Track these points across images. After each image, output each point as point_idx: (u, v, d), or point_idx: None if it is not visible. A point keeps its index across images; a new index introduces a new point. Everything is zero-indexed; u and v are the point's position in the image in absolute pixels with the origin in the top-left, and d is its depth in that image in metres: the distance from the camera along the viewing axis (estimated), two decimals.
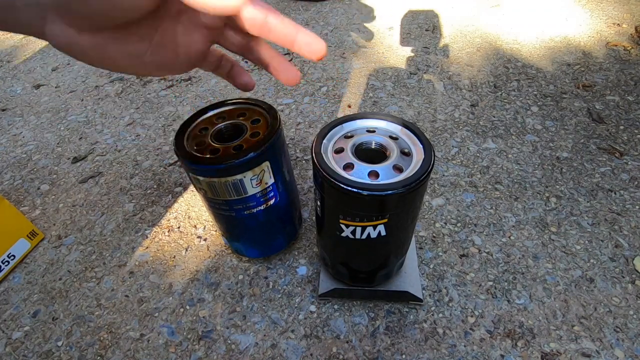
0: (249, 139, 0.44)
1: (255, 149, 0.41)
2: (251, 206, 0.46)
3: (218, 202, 0.46)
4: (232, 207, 0.46)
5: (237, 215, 0.47)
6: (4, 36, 1.36)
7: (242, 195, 0.44)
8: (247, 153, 0.41)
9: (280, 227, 0.53)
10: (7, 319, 0.54)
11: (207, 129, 0.46)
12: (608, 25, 1.10)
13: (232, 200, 0.45)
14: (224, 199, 0.45)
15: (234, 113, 0.48)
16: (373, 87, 0.93)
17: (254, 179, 0.43)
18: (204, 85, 0.99)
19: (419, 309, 0.52)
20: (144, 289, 0.56)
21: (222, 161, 0.40)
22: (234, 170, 0.41)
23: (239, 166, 0.41)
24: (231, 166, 0.41)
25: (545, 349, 0.47)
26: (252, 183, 0.43)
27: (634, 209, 0.62)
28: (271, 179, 0.45)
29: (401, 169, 0.38)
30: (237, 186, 0.43)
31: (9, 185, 0.76)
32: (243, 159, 0.41)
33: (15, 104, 1.00)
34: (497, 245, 0.58)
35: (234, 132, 0.46)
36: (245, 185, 0.43)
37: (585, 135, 0.76)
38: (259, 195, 0.46)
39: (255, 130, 0.45)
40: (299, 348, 0.49)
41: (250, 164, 0.42)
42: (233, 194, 0.44)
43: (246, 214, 0.47)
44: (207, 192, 0.44)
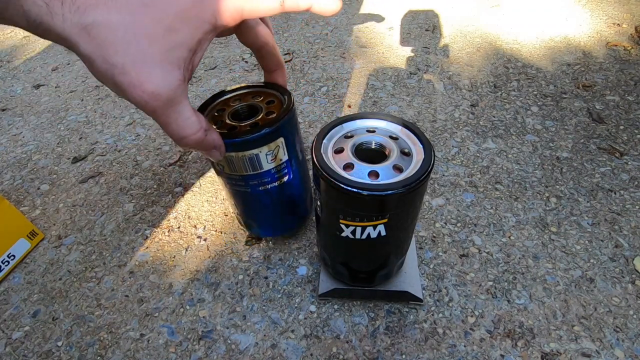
0: (265, 117, 0.46)
1: (270, 125, 0.43)
2: (266, 182, 0.49)
3: (235, 177, 0.48)
4: (247, 182, 0.48)
5: (252, 192, 0.49)
6: (4, 36, 1.36)
7: (258, 171, 0.47)
8: (263, 128, 0.43)
9: (292, 205, 0.55)
10: (7, 319, 0.54)
11: (224, 109, 0.48)
12: (608, 25, 1.10)
13: (248, 175, 0.47)
14: (240, 174, 0.47)
15: (249, 95, 0.50)
16: (373, 87, 0.93)
17: (269, 154, 0.45)
18: (204, 85, 0.99)
19: (419, 309, 0.52)
20: (144, 289, 0.56)
21: (239, 136, 0.43)
22: (250, 144, 0.43)
23: (254, 141, 0.43)
24: (248, 140, 0.43)
25: (545, 349, 0.47)
26: (267, 158, 0.46)
27: (634, 209, 0.62)
28: (285, 156, 0.48)
29: (401, 169, 0.38)
30: (253, 161, 0.45)
31: (9, 185, 0.76)
32: (259, 134, 0.43)
33: (15, 104, 1.00)
34: (497, 245, 0.58)
35: (250, 112, 0.48)
36: (261, 160, 0.45)
37: (585, 135, 0.76)
38: (274, 171, 0.48)
39: (270, 109, 0.47)
40: (299, 348, 0.49)
41: (266, 139, 0.44)
42: (249, 169, 0.46)
43: (261, 190, 0.49)
44: (224, 167, 0.47)
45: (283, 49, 1.11)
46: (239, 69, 1.04)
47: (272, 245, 0.61)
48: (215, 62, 1.08)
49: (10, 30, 1.39)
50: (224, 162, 0.46)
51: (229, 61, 1.08)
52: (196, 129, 0.36)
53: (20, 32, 1.37)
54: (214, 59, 1.09)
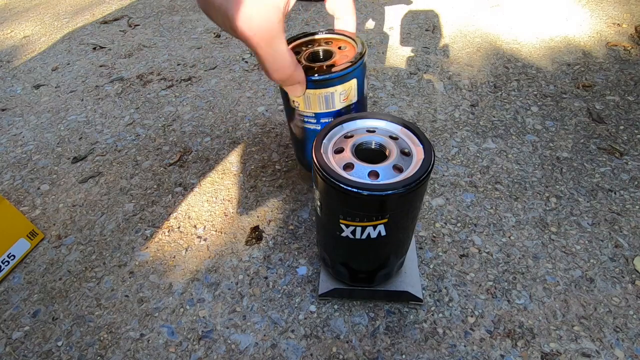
0: (339, 60, 0.50)
1: (347, 66, 0.47)
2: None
3: (308, 114, 0.52)
4: (319, 120, 0.52)
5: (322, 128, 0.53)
6: (4, 36, 1.36)
7: (331, 109, 0.51)
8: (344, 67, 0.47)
9: None
10: (7, 319, 0.54)
11: (299, 52, 0.52)
12: (608, 25, 1.10)
13: (321, 113, 0.51)
14: (314, 111, 0.51)
15: (320, 41, 0.54)
16: (373, 87, 0.93)
17: (342, 93, 0.49)
18: (204, 85, 0.99)
19: (419, 309, 0.52)
20: (144, 289, 0.56)
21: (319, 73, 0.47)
22: (328, 82, 0.47)
23: (333, 79, 0.47)
24: (327, 78, 0.47)
25: (545, 349, 0.47)
26: (341, 98, 0.50)
27: (634, 209, 0.62)
28: (355, 98, 0.51)
29: (401, 169, 0.38)
30: (328, 99, 0.49)
31: (9, 185, 0.76)
32: (338, 73, 0.47)
33: (15, 104, 1.00)
34: (497, 245, 0.58)
35: (324, 56, 0.52)
36: (335, 98, 0.50)
37: (585, 135, 0.76)
38: (344, 111, 0.52)
39: (343, 54, 0.51)
40: (299, 348, 0.49)
41: (342, 79, 0.48)
42: (323, 106, 0.50)
43: None
44: (300, 104, 0.51)
45: None
46: (239, 68, 1.04)
47: (272, 245, 0.61)
48: (215, 62, 1.08)
49: (10, 30, 1.39)
50: (300, 99, 0.50)
51: (229, 61, 1.08)
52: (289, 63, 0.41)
53: (20, 32, 1.37)
54: (214, 59, 1.09)
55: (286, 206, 0.67)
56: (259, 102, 0.91)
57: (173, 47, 1.18)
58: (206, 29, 1.27)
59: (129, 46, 1.21)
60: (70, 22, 1.41)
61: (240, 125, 0.85)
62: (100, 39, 1.27)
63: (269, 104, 0.90)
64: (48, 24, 1.41)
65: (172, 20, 1.35)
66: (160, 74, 1.05)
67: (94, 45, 1.24)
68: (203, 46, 1.17)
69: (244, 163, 0.76)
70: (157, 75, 1.05)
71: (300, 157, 0.63)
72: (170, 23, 1.33)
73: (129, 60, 1.13)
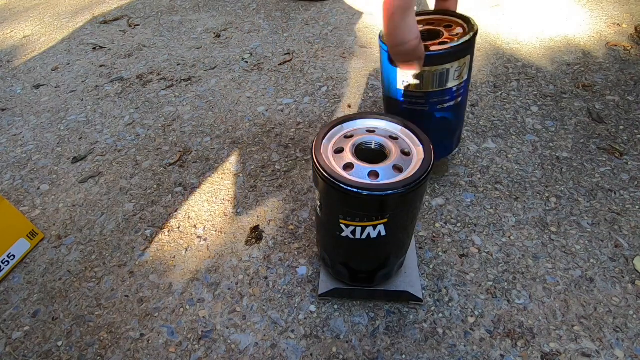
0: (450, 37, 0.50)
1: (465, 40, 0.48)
2: (445, 100, 0.53)
3: (417, 95, 0.52)
4: (428, 100, 0.53)
5: (430, 110, 0.54)
6: (4, 36, 1.36)
7: (443, 87, 0.51)
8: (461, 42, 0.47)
9: (456, 127, 0.61)
10: (7, 319, 0.54)
11: None
12: (608, 25, 1.10)
13: (432, 92, 0.52)
14: (425, 90, 0.52)
15: (423, 22, 0.55)
16: (373, 87, 0.93)
17: (457, 70, 0.50)
18: (204, 85, 0.99)
19: (419, 309, 0.52)
20: (144, 289, 0.56)
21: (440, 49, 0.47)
22: (445, 58, 0.48)
23: (449, 54, 0.48)
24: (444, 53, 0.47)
25: (545, 349, 0.47)
26: (455, 75, 0.50)
27: (634, 209, 0.62)
28: (466, 75, 0.52)
29: (401, 169, 0.38)
30: (442, 76, 0.50)
31: (9, 185, 0.76)
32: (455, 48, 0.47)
33: (15, 104, 1.00)
34: (497, 245, 0.58)
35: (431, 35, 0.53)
36: (449, 75, 0.50)
37: (585, 135, 0.76)
38: (455, 89, 0.52)
39: (451, 32, 0.52)
40: (299, 348, 0.49)
41: (459, 54, 0.48)
42: (436, 85, 0.51)
43: (438, 108, 0.54)
44: (410, 85, 0.51)
45: (283, 49, 1.11)
46: (239, 68, 1.04)
47: (272, 245, 0.61)
48: (215, 62, 1.08)
49: (10, 30, 1.39)
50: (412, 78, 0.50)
51: (228, 61, 1.08)
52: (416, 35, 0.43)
53: (20, 32, 1.37)
54: (214, 59, 1.09)
55: (286, 206, 0.67)
56: (259, 102, 0.91)
57: (173, 47, 1.18)
58: (206, 29, 1.27)
59: (129, 46, 1.21)
60: (70, 22, 1.41)
61: (240, 125, 0.85)
62: (100, 39, 1.27)
63: (269, 104, 0.90)
64: (48, 24, 1.41)
65: (172, 20, 1.34)
66: (160, 74, 1.05)
67: (94, 45, 1.24)
68: (203, 46, 1.17)
69: (244, 163, 0.76)
70: (157, 75, 1.05)
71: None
72: (170, 23, 1.33)
73: (129, 60, 1.13)
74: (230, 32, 1.23)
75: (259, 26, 1.25)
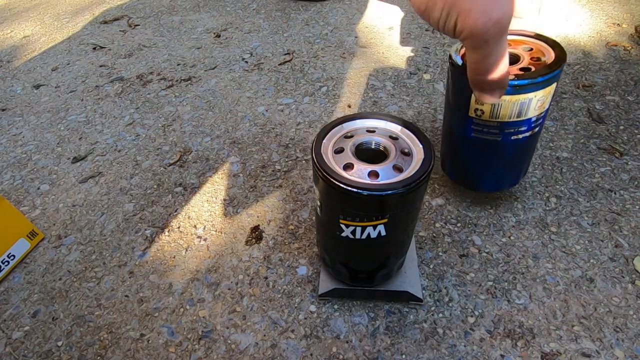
0: (533, 62, 0.45)
1: (555, 68, 0.42)
2: (521, 130, 0.48)
3: (490, 125, 0.47)
4: (502, 130, 0.47)
5: (503, 140, 0.49)
6: (4, 36, 1.36)
7: (522, 118, 0.46)
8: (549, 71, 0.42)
9: (525, 159, 0.55)
10: (7, 319, 0.54)
11: None
12: (608, 25, 1.10)
13: (508, 122, 0.46)
14: (500, 120, 0.46)
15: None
16: (373, 87, 0.93)
17: (540, 100, 0.44)
18: (204, 85, 0.99)
19: (419, 309, 0.52)
20: (144, 289, 0.56)
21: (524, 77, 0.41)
22: (532, 87, 0.42)
23: (537, 83, 0.42)
24: (530, 82, 0.42)
25: (545, 349, 0.47)
26: (537, 105, 0.45)
27: (634, 209, 0.62)
28: (548, 105, 0.46)
29: (401, 169, 0.38)
30: (523, 106, 0.44)
31: (9, 185, 0.76)
32: (543, 77, 0.42)
33: (15, 104, 1.00)
34: (497, 245, 0.58)
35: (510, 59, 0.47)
36: (531, 105, 0.44)
37: (585, 135, 0.76)
38: (534, 119, 0.47)
39: (533, 56, 0.46)
40: (299, 348, 0.49)
41: (546, 83, 0.43)
42: (514, 115, 0.45)
43: (512, 139, 0.49)
44: (485, 112, 0.46)
45: (283, 49, 1.11)
46: (239, 68, 1.04)
47: (272, 245, 0.61)
48: (215, 62, 1.08)
49: (10, 30, 1.39)
50: (488, 106, 0.45)
51: (228, 61, 1.08)
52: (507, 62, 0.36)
53: (20, 32, 1.37)
54: (214, 59, 1.09)
55: (286, 206, 0.67)
56: (259, 102, 0.91)
57: (173, 47, 1.18)
58: (206, 29, 1.27)
59: (129, 46, 1.21)
60: (70, 22, 1.41)
61: (240, 125, 0.85)
62: (100, 39, 1.27)
63: (269, 104, 0.90)
64: (48, 24, 1.41)
65: (172, 20, 1.34)
66: (160, 74, 1.05)
67: (94, 45, 1.24)
68: (203, 46, 1.17)
69: (244, 163, 0.76)
70: (157, 75, 1.05)
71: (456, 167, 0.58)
72: (170, 23, 1.33)
73: (129, 60, 1.13)
74: (230, 32, 1.23)
75: (259, 26, 1.25)
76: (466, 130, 0.50)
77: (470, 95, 0.46)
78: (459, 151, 0.56)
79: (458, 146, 0.55)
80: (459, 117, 0.51)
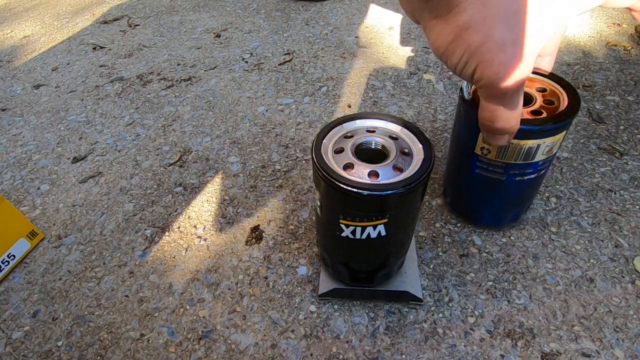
0: (545, 105, 0.44)
1: (566, 117, 0.41)
2: (527, 173, 0.47)
3: (495, 164, 0.46)
4: (507, 171, 0.47)
5: (507, 180, 0.48)
6: (4, 36, 1.36)
7: (528, 161, 0.45)
8: (561, 120, 0.41)
9: (529, 198, 0.54)
10: (7, 319, 0.54)
11: None
12: (608, 25, 1.10)
13: (514, 164, 0.46)
14: (506, 161, 0.45)
15: None
16: (373, 87, 0.93)
17: (548, 145, 0.43)
18: (204, 85, 0.99)
19: (419, 309, 0.52)
20: (144, 289, 0.56)
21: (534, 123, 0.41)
22: (542, 134, 0.42)
23: (547, 131, 0.41)
24: (540, 129, 0.41)
25: (545, 349, 0.47)
26: (544, 150, 0.44)
27: (634, 209, 0.62)
28: (556, 150, 0.46)
29: (401, 169, 0.38)
30: (531, 150, 0.43)
31: (9, 185, 0.76)
32: (554, 125, 0.41)
33: (15, 104, 1.00)
34: (497, 245, 0.58)
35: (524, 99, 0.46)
36: (539, 150, 0.44)
37: (585, 135, 0.76)
38: (541, 163, 0.46)
39: (546, 98, 0.45)
40: (299, 348, 0.49)
41: (556, 131, 0.42)
42: (521, 158, 0.45)
43: (516, 180, 0.48)
44: (492, 152, 0.45)
45: (283, 49, 1.11)
46: (239, 68, 1.04)
47: (272, 245, 0.61)
48: (215, 62, 1.08)
49: (10, 30, 1.39)
50: (495, 147, 0.44)
51: (229, 61, 1.08)
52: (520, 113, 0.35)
53: (20, 32, 1.37)
54: (214, 59, 1.09)
55: (286, 206, 0.67)
56: (259, 102, 0.91)
57: (173, 47, 1.18)
58: (206, 29, 1.27)
59: (129, 46, 1.21)
60: (70, 22, 1.41)
61: (240, 125, 0.85)
62: (100, 39, 1.27)
63: (269, 104, 0.90)
64: (48, 24, 1.41)
65: (172, 20, 1.34)
66: (160, 74, 1.05)
67: (94, 45, 1.24)
68: (203, 46, 1.17)
69: (244, 163, 0.76)
70: (157, 75, 1.05)
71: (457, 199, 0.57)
72: (170, 23, 1.33)
73: (129, 60, 1.13)
74: (230, 32, 1.23)
75: (259, 26, 1.25)
76: (470, 166, 0.50)
77: (478, 132, 0.45)
78: (461, 185, 0.56)
79: (461, 180, 0.55)
80: (465, 152, 0.50)
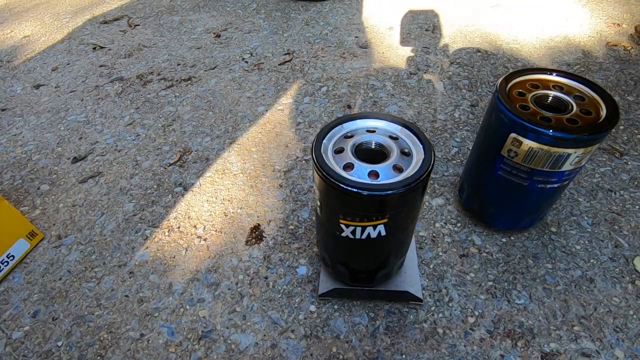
0: (581, 115, 0.42)
1: (604, 129, 0.40)
2: (551, 181, 0.46)
3: (519, 168, 0.45)
4: (531, 177, 0.45)
5: (529, 186, 0.47)
6: (4, 36, 1.36)
7: (555, 170, 0.43)
8: (598, 131, 0.40)
9: (547, 207, 0.53)
10: (7, 319, 0.54)
11: (523, 93, 0.45)
12: (608, 25, 1.10)
13: (539, 170, 0.44)
14: (532, 167, 0.44)
15: (550, 83, 0.46)
16: (373, 87, 0.93)
17: (578, 156, 0.42)
18: (204, 85, 0.99)
19: (419, 309, 0.52)
20: (144, 289, 0.56)
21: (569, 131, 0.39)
22: (575, 143, 0.40)
23: (582, 141, 0.40)
24: (571, 139, 0.40)
25: (545, 349, 0.47)
26: (574, 160, 0.42)
27: (634, 209, 0.62)
28: (584, 162, 0.44)
29: (401, 169, 0.38)
30: (560, 159, 0.42)
31: (9, 185, 0.76)
32: (590, 135, 0.39)
33: (15, 104, 1.00)
34: (497, 245, 0.58)
35: (557, 104, 0.45)
36: (568, 160, 0.42)
37: None
38: (567, 173, 0.44)
39: (583, 107, 0.43)
40: (299, 348, 0.49)
41: (590, 142, 0.41)
42: (547, 166, 0.43)
43: (539, 187, 0.47)
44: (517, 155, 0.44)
45: (283, 49, 1.11)
46: (239, 68, 1.04)
47: (272, 245, 0.61)
48: (215, 62, 1.08)
49: (10, 30, 1.39)
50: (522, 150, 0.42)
51: (228, 61, 1.08)
52: None
53: (20, 32, 1.37)
54: (214, 59, 1.09)
55: (286, 206, 0.67)
56: (259, 102, 0.91)
57: (173, 47, 1.18)
58: (206, 29, 1.27)
59: (129, 46, 1.21)
60: (70, 22, 1.41)
61: (240, 125, 0.85)
62: (100, 39, 1.27)
63: (269, 104, 0.90)
64: (48, 24, 1.41)
65: (172, 20, 1.34)
66: (160, 74, 1.05)
67: (94, 45, 1.24)
68: (203, 46, 1.17)
69: (244, 163, 0.76)
70: (157, 75, 1.05)
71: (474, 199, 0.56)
72: (170, 23, 1.33)
73: (129, 60, 1.13)
74: (230, 32, 1.23)
75: (259, 26, 1.25)
76: (494, 167, 0.49)
77: (509, 134, 0.44)
78: (481, 185, 0.55)
79: (481, 180, 0.54)
80: (490, 152, 0.48)
